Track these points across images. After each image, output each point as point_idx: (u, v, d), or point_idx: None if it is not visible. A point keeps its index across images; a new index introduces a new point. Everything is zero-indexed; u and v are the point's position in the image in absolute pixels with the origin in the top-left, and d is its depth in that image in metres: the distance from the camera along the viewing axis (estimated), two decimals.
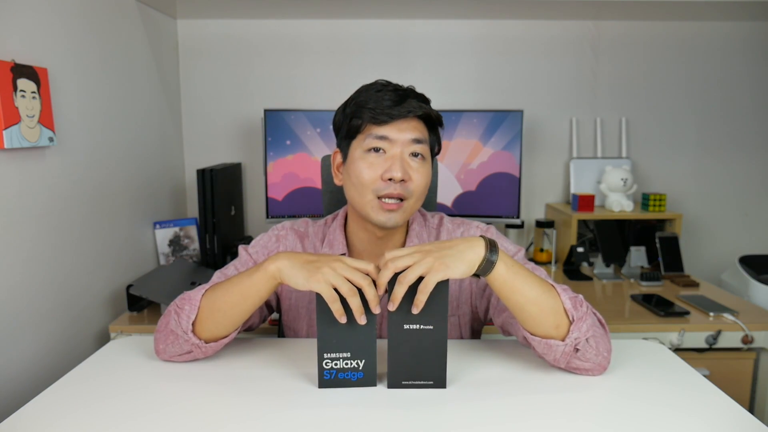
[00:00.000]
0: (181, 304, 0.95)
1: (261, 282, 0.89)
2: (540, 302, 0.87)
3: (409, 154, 0.99)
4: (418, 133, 0.99)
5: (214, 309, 0.93)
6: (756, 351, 1.66)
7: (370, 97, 0.99)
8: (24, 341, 1.28)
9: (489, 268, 0.85)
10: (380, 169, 0.97)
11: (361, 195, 0.99)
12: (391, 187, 0.97)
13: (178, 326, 0.93)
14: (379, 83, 1.02)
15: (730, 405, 0.85)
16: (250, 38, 2.17)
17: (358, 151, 1.00)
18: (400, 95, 0.99)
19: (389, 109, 0.97)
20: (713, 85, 2.24)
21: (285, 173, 2.03)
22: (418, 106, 0.99)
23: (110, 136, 1.65)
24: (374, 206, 0.99)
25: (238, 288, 0.91)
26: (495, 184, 2.06)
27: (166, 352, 0.96)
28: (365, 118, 0.98)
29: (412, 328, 0.85)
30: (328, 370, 0.87)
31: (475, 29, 2.18)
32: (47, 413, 0.82)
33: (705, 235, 2.32)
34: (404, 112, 0.97)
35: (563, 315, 0.88)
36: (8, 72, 1.18)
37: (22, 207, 1.26)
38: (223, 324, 0.94)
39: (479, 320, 1.12)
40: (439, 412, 0.81)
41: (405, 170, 0.97)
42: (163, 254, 1.96)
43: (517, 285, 0.86)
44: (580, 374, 0.93)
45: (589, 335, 0.88)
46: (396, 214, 0.99)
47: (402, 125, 0.98)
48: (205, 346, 0.94)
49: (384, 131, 0.98)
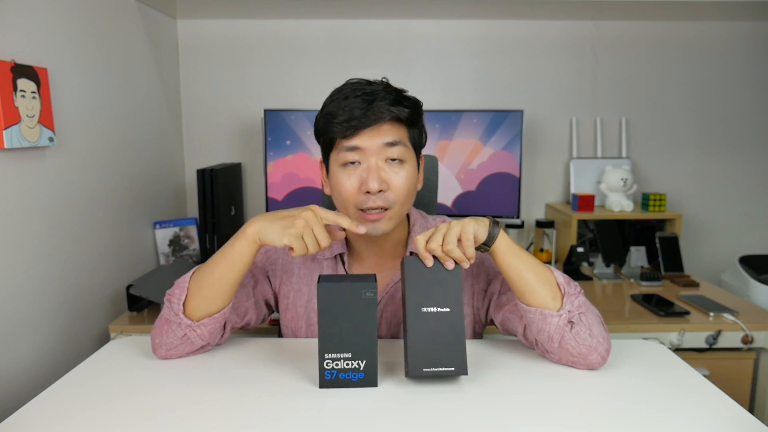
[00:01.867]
0: (171, 291, 0.97)
1: (243, 247, 0.92)
2: (537, 271, 0.92)
3: (385, 160, 0.96)
4: (391, 136, 0.96)
5: (203, 285, 0.94)
6: (756, 351, 1.67)
7: (339, 107, 0.95)
8: (24, 341, 1.28)
9: (495, 232, 0.91)
10: (357, 182, 0.96)
11: (345, 209, 1.00)
12: (371, 200, 0.96)
13: (170, 311, 0.95)
14: (348, 87, 0.97)
15: (730, 405, 0.85)
16: (250, 38, 2.17)
17: (335, 165, 0.99)
18: (368, 101, 0.94)
19: (356, 120, 0.93)
20: (713, 85, 2.24)
21: (285, 173, 2.03)
22: (387, 110, 0.94)
23: (110, 136, 1.65)
24: (358, 219, 0.98)
25: (223, 259, 0.94)
26: (495, 184, 2.06)
27: (163, 346, 0.97)
28: (335, 132, 0.96)
29: (429, 311, 0.87)
30: (328, 370, 0.87)
31: (475, 29, 2.18)
32: (47, 413, 0.82)
33: (705, 235, 2.32)
34: (372, 121, 0.94)
35: (556, 288, 0.92)
36: (8, 72, 1.18)
37: (22, 207, 1.26)
38: (213, 299, 0.95)
39: (481, 323, 1.12)
40: (440, 412, 0.81)
41: (381, 180, 0.95)
42: (163, 254, 1.96)
43: (517, 252, 0.93)
44: (579, 366, 0.93)
45: (582, 311, 0.92)
46: (380, 224, 0.98)
47: (372, 132, 0.95)
48: (198, 325, 0.95)
49: (354, 142, 0.95)
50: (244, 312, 1.07)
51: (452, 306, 0.88)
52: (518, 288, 0.93)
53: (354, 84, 0.98)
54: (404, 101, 0.98)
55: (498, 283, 1.06)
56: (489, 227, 0.92)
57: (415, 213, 1.12)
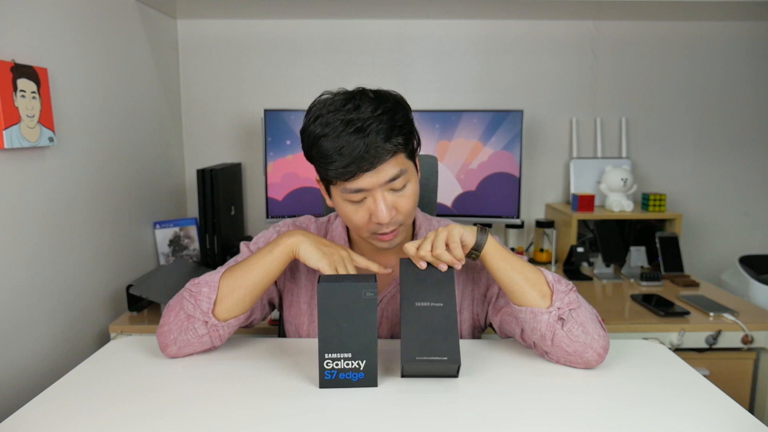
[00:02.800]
0: (196, 289, 0.97)
1: (282, 256, 0.98)
2: (525, 272, 0.94)
3: (389, 189, 0.95)
4: (394, 170, 0.93)
5: (235, 287, 0.97)
6: (756, 351, 1.67)
7: (333, 147, 0.89)
8: (24, 341, 1.28)
9: (482, 241, 0.94)
10: (366, 214, 0.96)
11: (357, 232, 1.02)
12: (383, 226, 0.97)
13: (197, 309, 0.95)
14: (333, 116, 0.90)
15: (730, 405, 0.85)
16: (250, 38, 2.17)
17: (338, 196, 0.97)
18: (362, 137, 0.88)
19: (355, 166, 0.89)
20: (713, 85, 2.24)
21: (285, 173, 2.03)
22: (384, 149, 0.89)
23: (110, 136, 1.65)
24: (372, 238, 1.00)
25: (260, 264, 0.98)
26: (495, 184, 2.06)
27: (177, 343, 0.96)
28: (334, 176, 0.92)
29: (423, 305, 0.91)
30: (329, 370, 0.87)
31: (475, 29, 2.18)
32: (47, 413, 0.82)
33: (705, 235, 2.32)
34: (372, 165, 0.90)
35: (546, 286, 0.94)
36: (8, 72, 1.18)
37: (22, 207, 1.26)
38: (244, 301, 0.98)
39: (480, 327, 1.13)
40: (440, 412, 0.81)
41: (390, 208, 0.95)
42: (163, 254, 1.96)
43: (505, 255, 0.96)
44: (577, 365, 0.93)
45: (573, 308, 0.92)
46: (395, 240, 1.01)
47: (373, 173, 0.91)
48: (223, 326, 0.97)
49: (357, 185, 0.92)
50: (251, 311, 1.07)
51: (445, 301, 0.91)
52: (508, 288, 0.95)
53: (337, 107, 0.91)
54: (396, 128, 0.92)
55: (496, 287, 1.07)
56: (477, 234, 0.94)
57: (420, 216, 1.13)
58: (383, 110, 0.91)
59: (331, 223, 1.14)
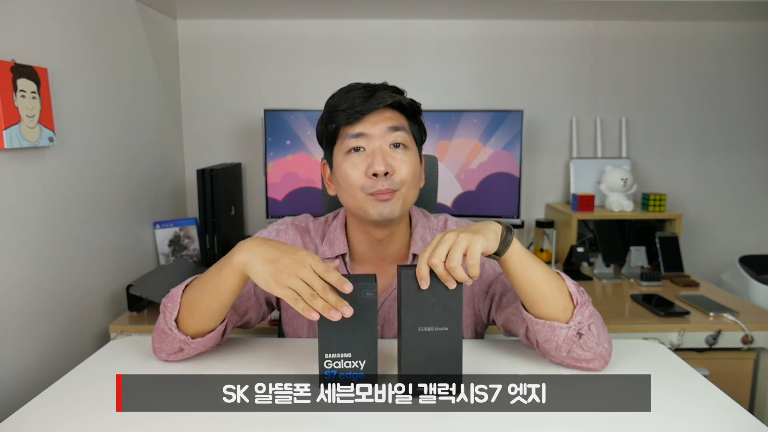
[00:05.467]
0: (165, 301, 0.96)
1: (230, 276, 0.89)
2: (550, 281, 0.89)
3: (389, 145, 0.98)
4: (394, 122, 0.99)
5: (192, 306, 0.93)
6: (756, 351, 1.66)
7: (341, 99, 0.99)
8: (24, 341, 1.27)
9: (508, 242, 0.87)
10: (363, 166, 0.97)
11: (353, 197, 0.99)
12: (378, 184, 0.96)
13: (165, 324, 0.94)
14: (350, 85, 1.01)
15: (730, 405, 0.85)
16: (249, 38, 2.17)
17: (340, 155, 1.00)
18: (370, 90, 0.98)
19: (360, 106, 0.97)
20: (713, 85, 2.24)
21: (285, 173, 2.02)
22: (389, 95, 0.98)
23: (110, 136, 1.65)
24: (367, 201, 0.97)
25: (211, 284, 0.91)
26: (495, 184, 2.06)
27: (162, 351, 0.96)
28: (339, 120, 0.98)
29: (426, 330, 0.82)
30: (329, 370, 0.87)
31: (475, 29, 2.18)
32: (47, 413, 0.82)
33: (705, 235, 2.32)
34: (375, 105, 0.97)
35: (568, 298, 0.90)
36: (8, 72, 1.18)
37: (22, 207, 1.26)
38: (204, 320, 0.93)
39: (482, 323, 1.12)
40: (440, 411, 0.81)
41: (387, 163, 0.96)
42: (163, 254, 1.96)
43: (530, 263, 0.89)
44: (581, 369, 0.93)
45: (591, 321, 0.90)
46: (391, 203, 0.97)
47: (375, 118, 0.98)
48: (193, 341, 0.94)
49: (359, 128, 0.97)
50: (245, 311, 1.06)
51: (451, 324, 0.82)
52: (530, 300, 0.90)
53: (354, 83, 1.01)
54: (403, 95, 1.02)
55: (499, 284, 1.06)
56: (502, 236, 0.86)
57: (417, 213, 1.12)
58: (396, 88, 1.02)
59: (329, 224, 1.12)
